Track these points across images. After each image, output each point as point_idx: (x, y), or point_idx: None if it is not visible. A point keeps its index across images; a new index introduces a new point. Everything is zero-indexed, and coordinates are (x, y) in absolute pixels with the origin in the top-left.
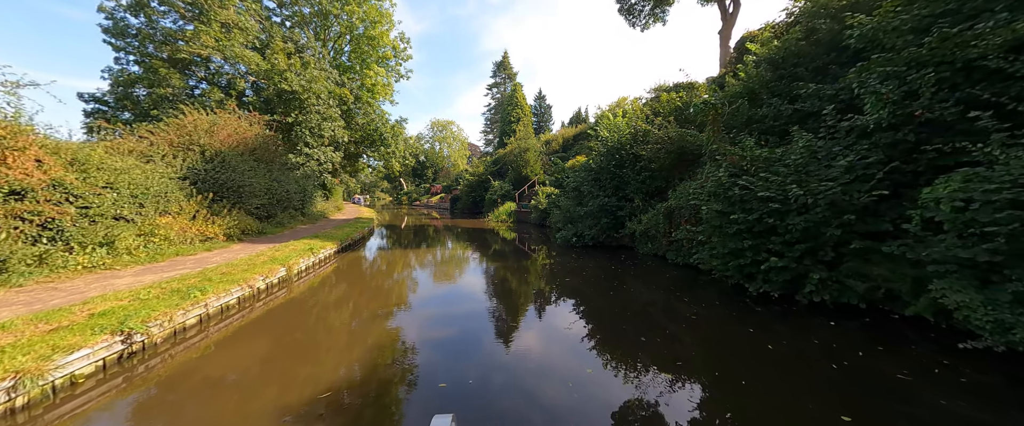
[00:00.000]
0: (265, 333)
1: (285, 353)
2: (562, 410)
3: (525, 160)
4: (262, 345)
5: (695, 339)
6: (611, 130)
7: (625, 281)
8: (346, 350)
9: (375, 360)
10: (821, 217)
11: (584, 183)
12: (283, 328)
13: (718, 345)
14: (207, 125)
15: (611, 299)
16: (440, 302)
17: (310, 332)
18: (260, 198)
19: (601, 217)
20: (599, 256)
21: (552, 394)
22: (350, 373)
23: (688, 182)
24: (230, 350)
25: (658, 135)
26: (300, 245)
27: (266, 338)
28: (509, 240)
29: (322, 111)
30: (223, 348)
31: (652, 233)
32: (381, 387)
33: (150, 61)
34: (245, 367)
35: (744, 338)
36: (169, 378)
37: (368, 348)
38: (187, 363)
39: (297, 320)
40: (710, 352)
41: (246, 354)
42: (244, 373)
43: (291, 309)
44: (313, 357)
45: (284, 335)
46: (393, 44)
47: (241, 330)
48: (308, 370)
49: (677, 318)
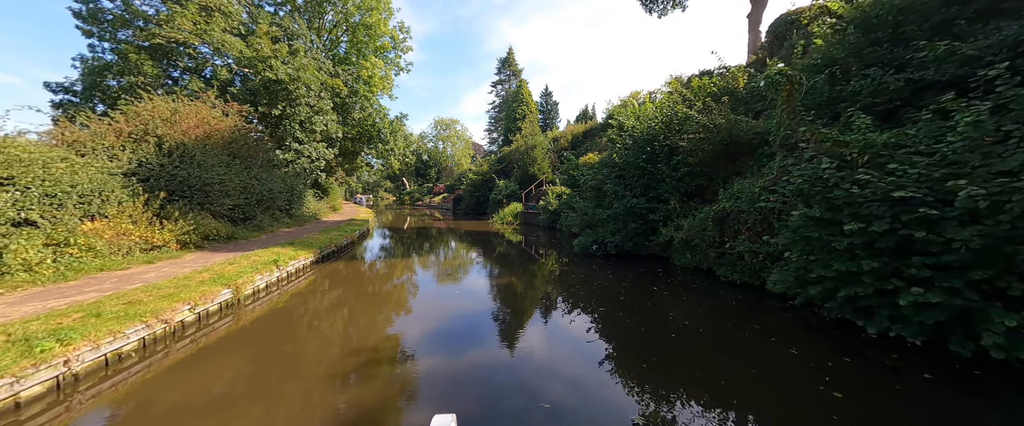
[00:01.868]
0: (158, 406)
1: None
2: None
3: (532, 158)
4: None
5: (788, 400)
6: (640, 119)
7: (669, 306)
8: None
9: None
10: (1009, 230)
11: (606, 181)
12: (194, 394)
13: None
14: (167, 113)
15: (659, 336)
16: (437, 341)
17: (236, 404)
18: (234, 198)
19: (628, 221)
20: (627, 269)
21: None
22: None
23: (745, 179)
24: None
25: (702, 122)
26: (266, 255)
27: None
28: (517, 246)
29: (313, 103)
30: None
31: (695, 242)
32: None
33: (122, 47)
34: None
35: (872, 409)
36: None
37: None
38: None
39: (227, 375)
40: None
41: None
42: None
43: (222, 353)
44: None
45: (194, 413)
46: (392, 33)
47: (119, 399)
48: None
49: (756, 364)
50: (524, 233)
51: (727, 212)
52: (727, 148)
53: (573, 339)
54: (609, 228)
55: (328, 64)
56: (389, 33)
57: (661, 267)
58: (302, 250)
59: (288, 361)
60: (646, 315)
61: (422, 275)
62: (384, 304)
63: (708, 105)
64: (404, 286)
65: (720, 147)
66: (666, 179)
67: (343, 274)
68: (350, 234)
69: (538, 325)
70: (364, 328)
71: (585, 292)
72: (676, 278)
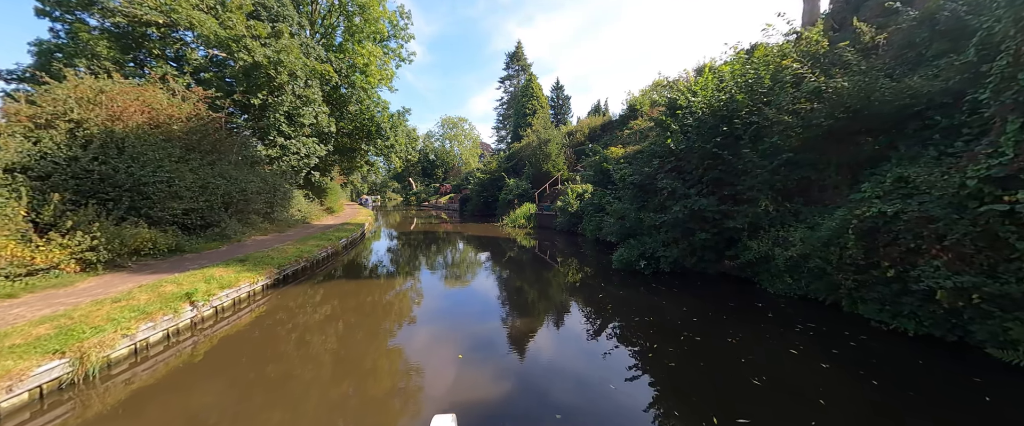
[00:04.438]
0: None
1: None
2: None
3: (546, 153)
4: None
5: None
6: (707, 89)
7: (814, 379)
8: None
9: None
10: None
11: (656, 176)
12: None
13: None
14: (91, 93)
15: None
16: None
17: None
18: (187, 200)
19: (692, 229)
20: (695, 297)
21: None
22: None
23: (924, 168)
24: None
25: (815, 86)
26: (188, 283)
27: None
28: (534, 255)
29: (300, 92)
30: None
31: (812, 264)
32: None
33: (71, 26)
34: None
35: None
36: None
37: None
38: None
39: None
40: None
41: None
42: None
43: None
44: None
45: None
46: (390, 17)
47: None
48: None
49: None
50: (541, 238)
51: (886, 219)
52: (850, 124)
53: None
54: (660, 237)
55: (318, 49)
56: (387, 17)
57: (743, 294)
58: (250, 271)
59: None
60: (772, 399)
61: (416, 306)
62: (350, 375)
63: (816, 65)
64: (383, 334)
65: (843, 122)
66: (752, 171)
67: (298, 310)
68: (333, 244)
69: (590, 396)
70: (324, 397)
71: (655, 337)
72: (785, 316)
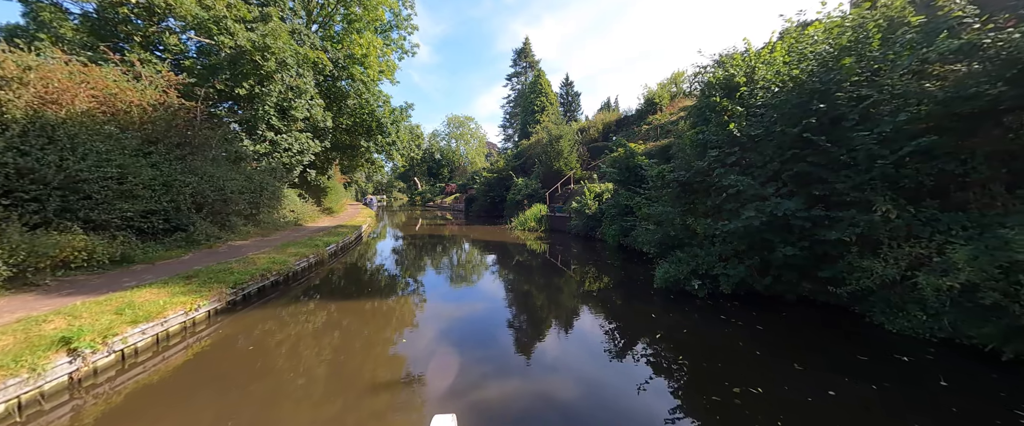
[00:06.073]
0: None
1: None
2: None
3: (557, 151)
4: None
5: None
6: (794, 58)
7: None
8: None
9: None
10: None
11: (714, 169)
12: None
13: None
14: (15, 70)
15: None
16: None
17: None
18: (143, 201)
19: (771, 241)
20: (784, 331)
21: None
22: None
23: None
24: None
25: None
26: (98, 310)
27: None
28: (549, 265)
29: (291, 82)
30: None
31: (986, 297)
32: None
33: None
34: None
35: None
36: None
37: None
38: None
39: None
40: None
41: None
42: None
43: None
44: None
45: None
46: (391, 5)
47: None
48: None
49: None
50: (554, 243)
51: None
52: (1000, 95)
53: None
54: (716, 250)
55: (313, 37)
56: (388, 4)
57: (849, 332)
58: (191, 293)
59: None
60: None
61: (406, 337)
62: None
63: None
64: (360, 388)
65: (1014, 91)
66: (861, 163)
67: (249, 349)
68: (318, 251)
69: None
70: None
71: (744, 400)
72: (955, 377)
